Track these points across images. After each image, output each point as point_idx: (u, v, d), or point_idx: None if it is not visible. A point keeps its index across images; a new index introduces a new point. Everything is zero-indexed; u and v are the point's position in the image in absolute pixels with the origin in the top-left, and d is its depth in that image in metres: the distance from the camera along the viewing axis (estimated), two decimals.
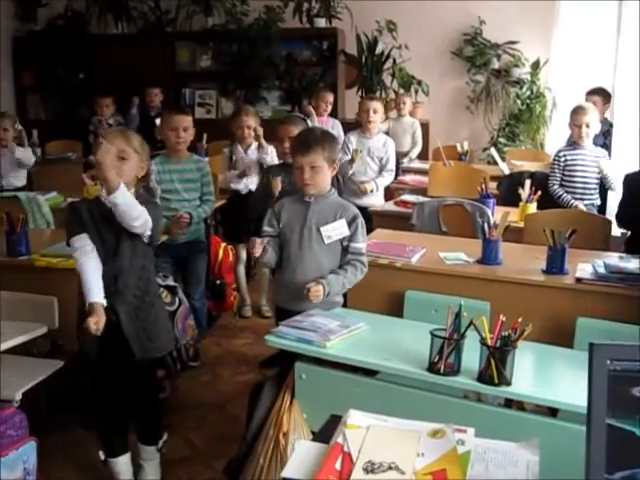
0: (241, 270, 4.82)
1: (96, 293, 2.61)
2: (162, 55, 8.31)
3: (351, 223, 2.92)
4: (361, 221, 2.96)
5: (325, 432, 1.55)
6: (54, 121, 8.57)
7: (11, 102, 8.71)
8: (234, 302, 4.55)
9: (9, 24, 8.63)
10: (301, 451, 1.46)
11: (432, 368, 2.23)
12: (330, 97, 6.37)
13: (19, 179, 5.11)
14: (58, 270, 3.22)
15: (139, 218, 2.59)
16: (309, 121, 4.82)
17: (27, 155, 5.18)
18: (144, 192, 2.83)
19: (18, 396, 2.82)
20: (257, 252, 2.87)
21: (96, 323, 2.55)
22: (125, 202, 2.55)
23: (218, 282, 4.30)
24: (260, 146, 4.54)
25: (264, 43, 7.96)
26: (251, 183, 4.63)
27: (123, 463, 2.90)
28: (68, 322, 3.04)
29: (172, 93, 7.82)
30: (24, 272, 3.35)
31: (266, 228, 3.04)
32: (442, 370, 2.22)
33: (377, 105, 5.03)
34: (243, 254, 4.79)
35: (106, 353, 2.72)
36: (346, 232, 2.92)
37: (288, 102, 8.29)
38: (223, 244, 4.43)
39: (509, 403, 2.27)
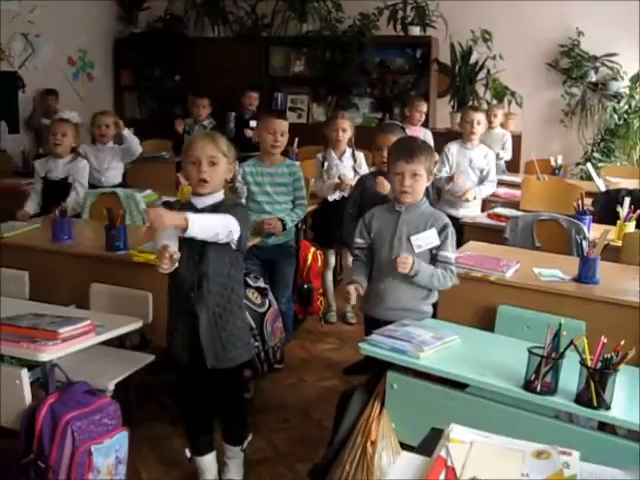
0: (329, 276, 4.84)
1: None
2: (256, 59, 8.44)
3: (441, 232, 2.92)
4: (451, 231, 2.95)
5: (426, 445, 1.53)
6: (149, 120, 8.82)
7: (109, 100, 9.01)
8: (320, 307, 4.56)
9: (112, 26, 8.96)
10: (403, 463, 1.44)
11: (528, 386, 2.18)
12: (424, 107, 6.33)
13: (116, 176, 5.23)
14: (154, 266, 3.28)
15: (221, 232, 2.59)
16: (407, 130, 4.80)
17: (135, 143, 5.27)
18: (231, 194, 2.85)
19: (111, 386, 2.91)
20: (353, 300, 2.94)
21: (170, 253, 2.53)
22: (202, 228, 2.52)
23: (305, 286, 4.32)
24: (354, 153, 4.55)
25: (358, 50, 7.99)
26: (346, 191, 4.59)
27: (208, 461, 2.94)
28: (158, 318, 3.11)
29: (265, 97, 7.91)
30: (121, 266, 3.43)
31: (357, 240, 3.07)
32: (538, 389, 2.17)
33: (481, 117, 5.03)
34: (332, 260, 4.81)
35: (191, 354, 2.75)
36: (436, 242, 2.91)
37: (379, 109, 8.29)
38: (312, 249, 4.45)
39: (602, 426, 2.20)
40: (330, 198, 4.64)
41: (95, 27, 8.67)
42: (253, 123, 6.95)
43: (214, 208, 2.69)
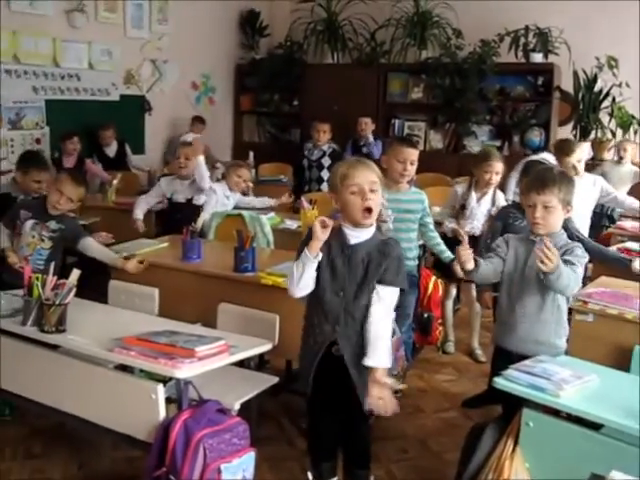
0: (449, 305, 4.77)
1: None
2: (374, 86, 8.49)
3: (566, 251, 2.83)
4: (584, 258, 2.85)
5: None
6: (267, 144, 9.01)
7: (229, 124, 9.28)
8: (439, 337, 4.49)
9: (234, 52, 9.25)
10: None
11: None
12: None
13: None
14: (282, 289, 3.31)
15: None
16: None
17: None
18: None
19: (237, 406, 2.95)
20: (469, 264, 2.83)
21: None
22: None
23: (425, 315, 4.26)
24: (494, 197, 4.48)
25: (477, 77, 7.92)
26: (476, 229, 4.51)
27: None
28: (282, 340, 3.15)
29: (382, 123, 7.94)
30: (249, 288, 3.49)
31: (497, 245, 3.02)
32: None
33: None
34: (453, 290, 4.74)
35: (321, 382, 2.74)
36: None
37: (498, 137, 8.17)
38: (433, 277, 4.39)
39: None
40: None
41: (218, 53, 8.98)
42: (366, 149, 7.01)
43: (368, 251, 2.66)
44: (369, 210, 2.60)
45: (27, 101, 6.81)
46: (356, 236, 2.68)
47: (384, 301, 2.65)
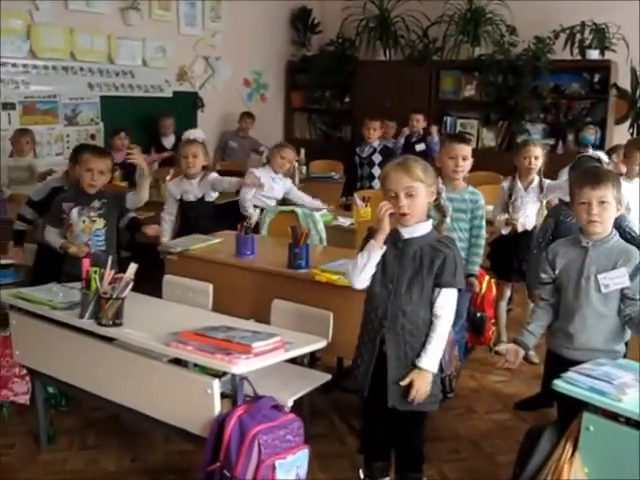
0: (503, 306, 4.71)
1: None
2: (427, 83, 8.44)
3: (636, 273, 2.71)
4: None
5: None
6: (318, 141, 9.02)
7: (280, 121, 9.31)
8: (491, 337, 4.42)
9: (286, 49, 9.28)
10: None
11: None
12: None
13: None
14: (336, 287, 3.31)
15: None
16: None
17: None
18: (435, 212, 2.78)
19: (290, 403, 2.94)
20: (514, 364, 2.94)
21: None
22: None
23: (478, 315, 4.20)
24: (541, 183, 4.40)
25: (531, 74, 7.81)
26: (528, 223, 4.47)
27: None
28: (334, 337, 3.13)
29: (434, 120, 7.87)
30: (302, 284, 3.49)
31: (542, 275, 2.95)
32: None
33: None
34: (507, 291, 4.67)
35: (373, 385, 2.73)
36: (626, 282, 2.71)
37: (552, 135, 8.04)
38: (487, 277, 4.32)
39: None
40: (504, 232, 4.51)
41: (270, 50, 9.01)
42: (419, 147, 6.94)
43: (421, 246, 2.65)
44: (402, 215, 2.62)
45: (83, 97, 6.94)
46: (410, 231, 2.67)
47: (443, 303, 2.63)
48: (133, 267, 2.87)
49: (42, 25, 6.44)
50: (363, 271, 2.66)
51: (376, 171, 6.55)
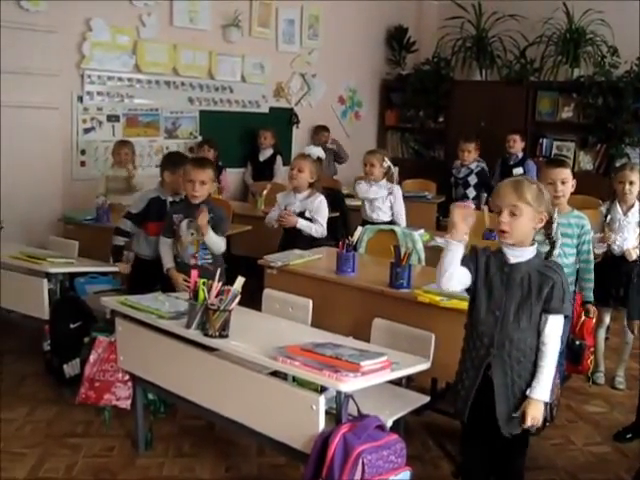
0: (601, 334, 4.58)
1: None
2: (523, 104, 8.30)
3: None
4: None
5: None
6: (411, 160, 9.00)
7: (373, 139, 9.33)
8: (589, 366, 4.30)
9: (381, 68, 9.32)
10: None
11: None
12: None
13: (386, 213, 5.34)
14: (438, 308, 3.29)
15: None
16: None
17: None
18: (544, 241, 2.73)
19: (390, 423, 2.92)
20: None
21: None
22: None
23: (577, 343, 4.09)
24: None
25: (633, 96, 7.59)
26: (626, 246, 4.37)
27: None
28: (433, 359, 3.09)
29: (530, 142, 7.75)
30: (403, 304, 3.48)
31: None
32: None
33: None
34: (607, 318, 4.55)
35: (478, 408, 2.69)
36: None
37: None
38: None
39: None
40: (597, 251, 4.40)
41: (365, 69, 9.06)
42: (517, 170, 6.82)
43: (528, 271, 2.61)
44: (500, 231, 2.60)
45: (183, 111, 7.12)
46: (517, 255, 2.63)
47: (552, 331, 2.59)
48: (240, 280, 2.92)
49: (147, 41, 6.65)
50: (445, 270, 2.63)
51: (470, 193, 6.53)
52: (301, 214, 4.71)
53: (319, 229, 4.66)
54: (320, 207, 4.71)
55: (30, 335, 4.66)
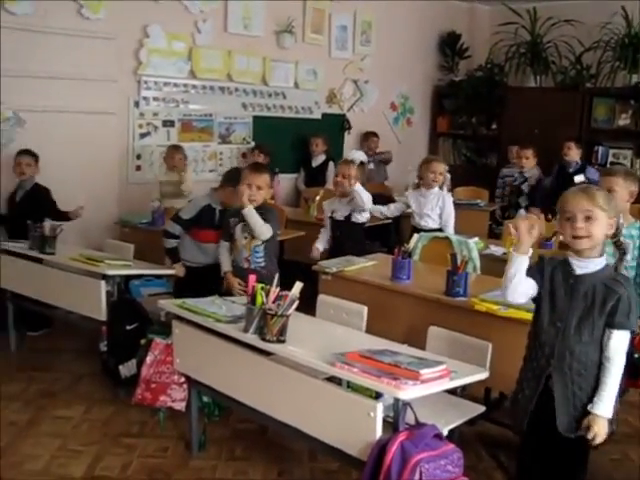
0: None
1: None
2: (578, 111, 8.18)
3: None
4: None
5: None
6: (463, 167, 8.93)
7: (424, 145, 9.29)
8: None
9: (433, 74, 9.28)
10: None
11: None
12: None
13: (435, 221, 5.29)
14: (495, 317, 3.26)
15: None
16: None
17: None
18: (614, 251, 2.69)
19: (445, 432, 2.89)
20: None
21: None
22: None
23: (637, 356, 4.01)
24: None
25: None
26: None
27: None
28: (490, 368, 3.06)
29: (585, 149, 7.63)
30: (460, 313, 3.45)
31: None
32: None
33: None
34: None
35: (537, 420, 2.66)
36: None
37: None
38: None
39: None
40: None
41: (417, 74, 9.03)
42: (579, 178, 6.69)
43: (593, 283, 2.55)
44: (576, 237, 2.54)
45: (236, 117, 7.18)
46: (583, 267, 2.58)
47: (616, 346, 2.53)
48: (298, 286, 2.92)
49: (203, 47, 6.73)
50: (510, 282, 2.61)
51: (523, 200, 6.44)
52: (347, 218, 4.73)
53: (369, 199, 4.76)
54: (360, 190, 4.74)
55: (88, 336, 4.77)
